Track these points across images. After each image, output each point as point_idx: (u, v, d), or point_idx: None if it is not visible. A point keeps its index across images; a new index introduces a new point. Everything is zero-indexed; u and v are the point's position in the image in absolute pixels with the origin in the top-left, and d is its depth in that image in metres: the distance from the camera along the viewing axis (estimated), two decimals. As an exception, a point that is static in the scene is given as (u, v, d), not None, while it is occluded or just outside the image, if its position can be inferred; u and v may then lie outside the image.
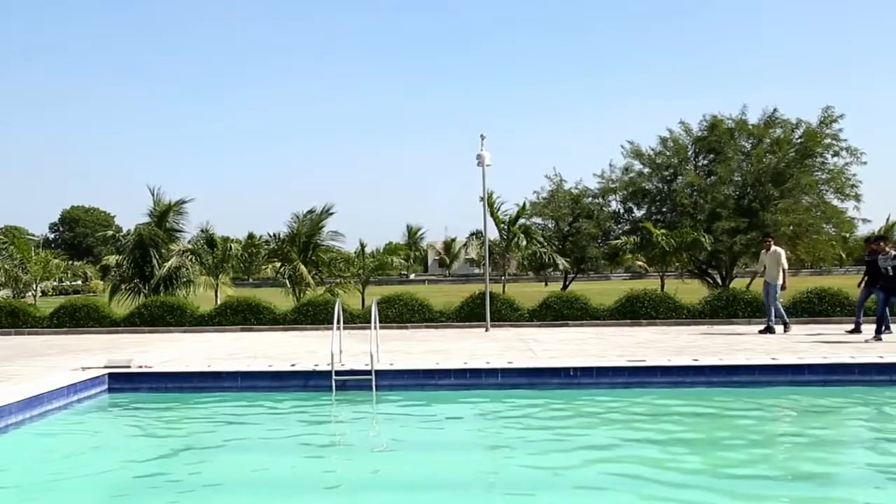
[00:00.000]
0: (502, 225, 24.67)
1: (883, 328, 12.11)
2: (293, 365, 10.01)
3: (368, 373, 9.16)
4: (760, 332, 13.50)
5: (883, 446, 6.83)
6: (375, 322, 10.05)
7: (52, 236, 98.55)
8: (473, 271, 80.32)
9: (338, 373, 9.19)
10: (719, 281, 24.05)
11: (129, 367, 9.78)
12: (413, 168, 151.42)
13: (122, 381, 9.47)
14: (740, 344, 11.80)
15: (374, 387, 9.11)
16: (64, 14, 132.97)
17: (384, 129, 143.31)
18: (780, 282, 13.53)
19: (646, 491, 5.38)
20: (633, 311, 16.08)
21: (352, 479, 5.95)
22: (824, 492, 5.41)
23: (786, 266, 13.72)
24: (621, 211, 26.65)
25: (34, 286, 32.00)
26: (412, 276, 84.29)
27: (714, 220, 22.60)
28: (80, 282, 56.08)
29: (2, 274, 29.61)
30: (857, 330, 12.90)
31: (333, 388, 9.08)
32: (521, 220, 25.82)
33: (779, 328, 13.56)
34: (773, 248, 13.82)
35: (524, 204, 26.52)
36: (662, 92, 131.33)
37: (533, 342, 12.59)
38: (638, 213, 25.99)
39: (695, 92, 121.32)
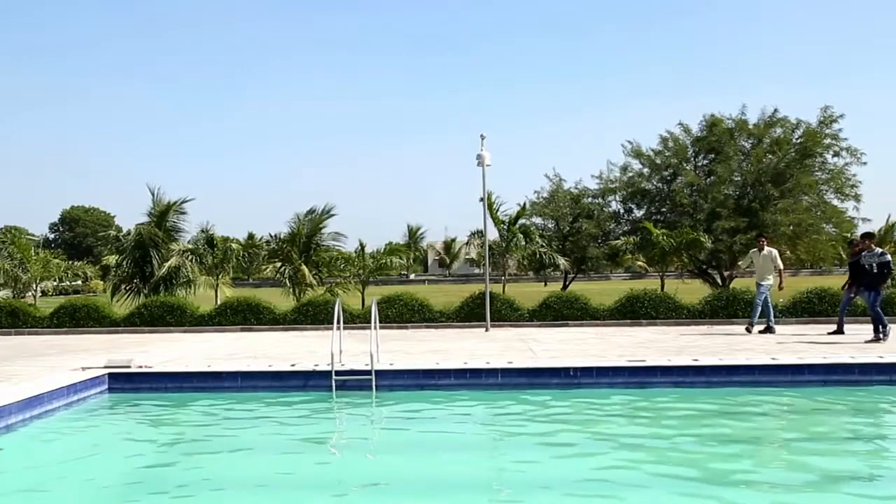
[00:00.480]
0: (502, 225, 24.68)
1: (881, 327, 12.05)
2: (293, 365, 10.01)
3: (368, 373, 9.17)
4: (760, 332, 13.50)
5: (883, 446, 6.84)
6: (375, 322, 10.05)
7: (52, 236, 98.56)
8: (473, 271, 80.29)
9: (338, 373, 9.20)
10: (719, 281, 24.06)
11: (129, 367, 9.78)
12: (413, 168, 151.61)
13: (122, 381, 9.48)
14: (740, 344, 11.81)
15: (374, 387, 9.11)
16: (64, 14, 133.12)
17: (384, 129, 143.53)
18: (770, 282, 13.59)
19: (646, 490, 5.38)
20: (633, 311, 16.09)
21: (352, 479, 5.95)
22: (824, 492, 5.40)
23: (781, 266, 13.76)
24: (621, 211, 26.68)
25: (34, 286, 32.02)
26: (412, 276, 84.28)
27: (714, 219, 22.62)
28: (80, 282, 56.05)
29: (2, 274, 29.66)
30: (839, 331, 12.90)
31: (333, 388, 9.08)
32: (521, 221, 25.84)
33: (742, 328, 13.76)
34: (767, 248, 13.84)
35: (524, 204, 26.57)
36: (662, 92, 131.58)
37: (533, 342, 12.59)
38: (638, 213, 26.04)
39: (695, 92, 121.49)
